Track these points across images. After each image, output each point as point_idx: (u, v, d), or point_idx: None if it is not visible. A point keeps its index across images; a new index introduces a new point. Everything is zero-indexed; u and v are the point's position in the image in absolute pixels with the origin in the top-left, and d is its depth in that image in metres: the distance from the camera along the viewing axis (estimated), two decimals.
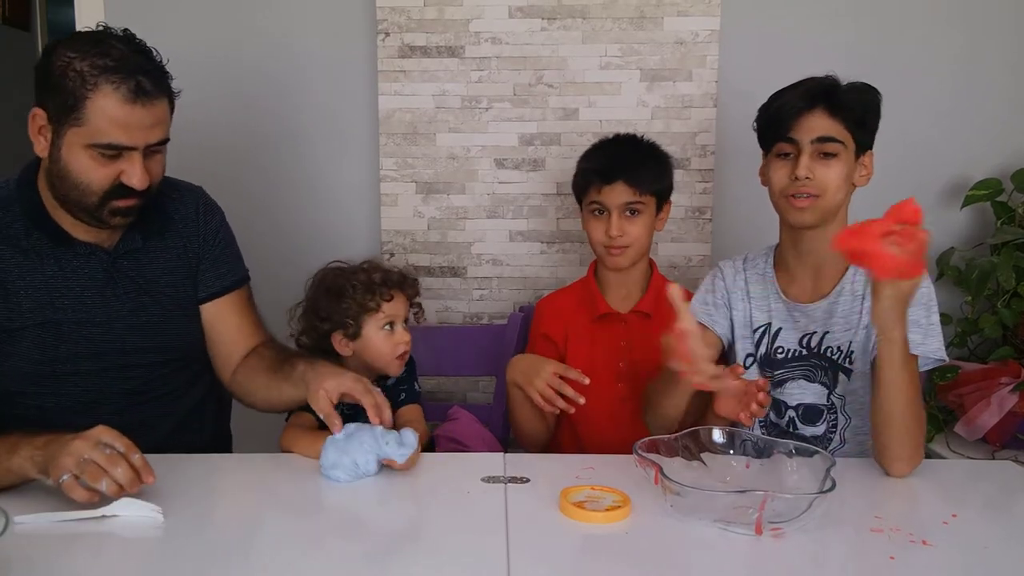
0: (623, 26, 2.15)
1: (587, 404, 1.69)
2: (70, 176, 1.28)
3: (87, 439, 1.10)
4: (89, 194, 1.28)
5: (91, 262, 1.38)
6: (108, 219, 1.32)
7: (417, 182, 2.22)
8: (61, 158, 1.27)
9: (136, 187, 1.28)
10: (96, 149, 1.25)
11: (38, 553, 1.00)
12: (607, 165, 1.65)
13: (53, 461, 1.09)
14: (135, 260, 1.42)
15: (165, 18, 2.21)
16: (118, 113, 1.23)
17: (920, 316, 1.38)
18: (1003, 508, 1.29)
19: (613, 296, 1.72)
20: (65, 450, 1.09)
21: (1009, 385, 2.03)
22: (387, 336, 1.54)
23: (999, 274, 2.08)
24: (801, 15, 2.23)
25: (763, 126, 1.49)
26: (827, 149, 1.40)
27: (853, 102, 1.41)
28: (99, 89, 1.23)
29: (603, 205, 1.64)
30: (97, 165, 1.26)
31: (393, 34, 2.16)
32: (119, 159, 1.27)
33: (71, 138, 1.26)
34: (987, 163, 2.26)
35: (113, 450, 1.10)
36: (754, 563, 1.04)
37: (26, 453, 1.13)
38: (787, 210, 1.44)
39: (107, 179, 1.28)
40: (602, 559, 1.05)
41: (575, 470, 1.29)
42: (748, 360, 1.52)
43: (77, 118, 1.24)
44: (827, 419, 1.48)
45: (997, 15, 2.23)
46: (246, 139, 2.28)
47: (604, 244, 1.65)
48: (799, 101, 1.42)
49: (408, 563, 1.03)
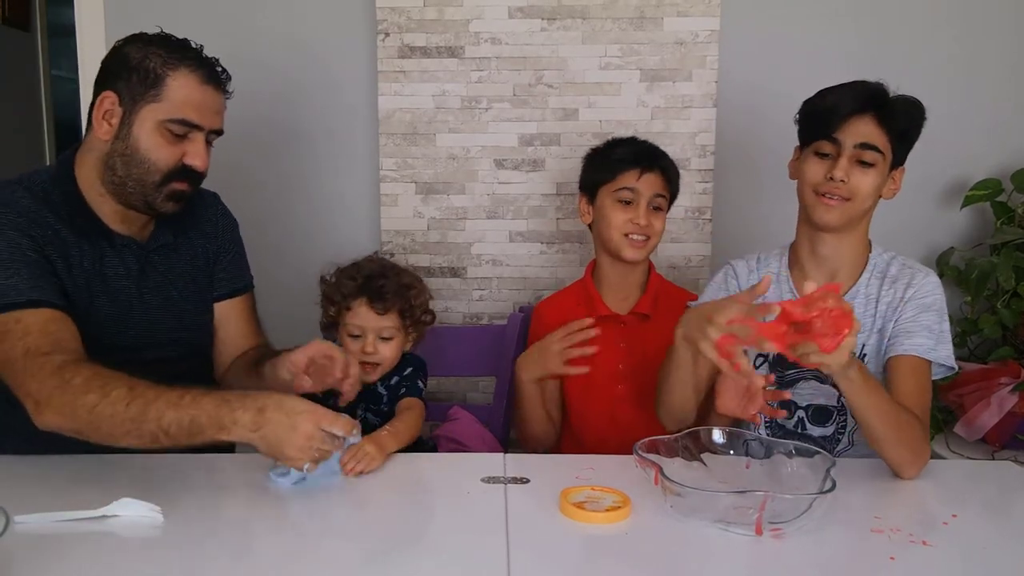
0: (623, 26, 2.15)
1: (586, 405, 1.70)
2: (138, 153, 1.34)
3: (311, 437, 1.16)
4: (154, 172, 1.35)
5: (126, 254, 1.42)
6: (162, 204, 1.38)
7: (417, 182, 2.22)
8: (131, 135, 1.34)
9: (199, 168, 1.37)
10: (169, 125, 1.33)
11: (38, 553, 1.00)
12: (645, 153, 1.67)
13: (283, 452, 1.17)
14: (165, 255, 1.47)
15: (165, 19, 2.19)
16: (195, 92, 1.35)
17: (932, 322, 1.38)
18: (1003, 508, 1.29)
19: (612, 298, 1.72)
20: (295, 445, 1.16)
21: (1009, 385, 2.03)
22: (352, 344, 1.53)
23: (999, 274, 2.08)
24: (801, 15, 2.23)
25: (807, 121, 1.46)
26: (867, 157, 1.38)
27: (901, 114, 1.39)
28: (179, 69, 1.34)
29: (636, 192, 1.64)
30: (166, 143, 1.34)
31: (393, 34, 2.16)
32: (184, 141, 1.35)
33: (146, 114, 1.33)
34: (987, 163, 2.26)
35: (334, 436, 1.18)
36: (754, 564, 1.04)
37: (239, 433, 1.16)
38: (815, 206, 1.42)
39: (173, 158, 1.35)
40: (602, 560, 1.05)
41: (575, 470, 1.28)
42: (758, 360, 1.51)
43: (156, 95, 1.33)
44: (836, 420, 1.47)
45: (997, 15, 2.23)
46: (246, 139, 2.28)
47: (627, 232, 1.64)
48: (851, 103, 1.39)
49: (408, 563, 1.03)
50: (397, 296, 1.54)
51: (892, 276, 1.44)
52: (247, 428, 1.16)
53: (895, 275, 1.44)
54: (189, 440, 1.17)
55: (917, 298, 1.40)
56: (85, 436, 1.19)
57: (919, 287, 1.41)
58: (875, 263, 1.47)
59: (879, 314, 1.43)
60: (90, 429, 1.18)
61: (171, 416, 1.16)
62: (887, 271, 1.45)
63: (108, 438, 1.18)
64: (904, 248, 1.51)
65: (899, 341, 1.38)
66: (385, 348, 1.53)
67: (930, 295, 1.41)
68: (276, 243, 2.26)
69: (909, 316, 1.39)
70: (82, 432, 1.19)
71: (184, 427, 1.16)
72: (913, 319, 1.39)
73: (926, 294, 1.41)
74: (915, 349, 1.37)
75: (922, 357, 1.37)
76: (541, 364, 1.60)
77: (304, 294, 1.69)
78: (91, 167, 1.38)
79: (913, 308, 1.40)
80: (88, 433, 1.19)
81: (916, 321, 1.38)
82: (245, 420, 1.16)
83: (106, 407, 1.16)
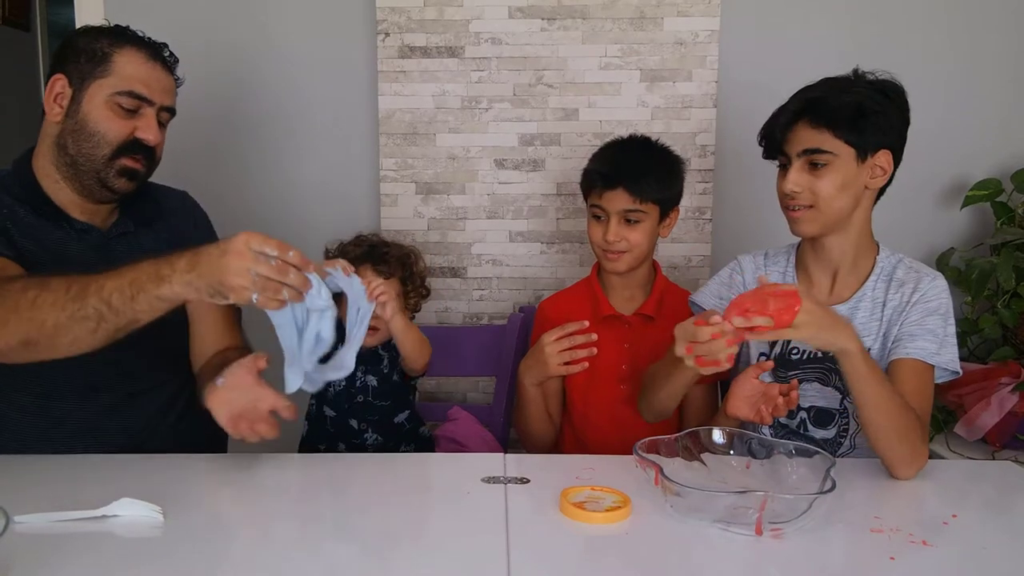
0: (623, 26, 2.15)
1: (589, 405, 1.70)
2: (87, 127, 1.36)
3: (242, 254, 1.09)
4: (104, 145, 1.36)
5: (85, 240, 1.42)
6: (113, 179, 1.38)
7: (417, 182, 2.22)
8: (80, 111, 1.36)
9: (149, 141, 1.38)
10: (118, 98, 1.36)
11: (38, 553, 1.00)
12: (609, 170, 1.63)
13: (222, 282, 1.10)
14: (127, 243, 1.47)
15: (164, 18, 2.21)
16: (141, 68, 1.38)
17: (937, 326, 1.38)
18: (1003, 509, 1.29)
19: (616, 298, 1.72)
20: (230, 269, 1.10)
21: (1009, 385, 2.03)
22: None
23: (999, 274, 2.08)
24: (800, 15, 2.23)
25: (763, 142, 1.49)
26: (816, 160, 1.39)
27: (840, 109, 1.37)
28: (125, 48, 1.38)
29: (603, 210, 1.64)
30: (115, 117, 1.37)
31: (393, 34, 2.17)
32: (135, 116, 1.38)
33: (94, 91, 1.36)
34: (987, 163, 2.26)
35: (268, 256, 1.10)
36: (754, 564, 1.04)
37: (179, 279, 1.12)
38: (788, 220, 1.45)
39: (123, 132, 1.37)
40: (602, 560, 1.05)
41: (575, 470, 1.29)
42: (761, 359, 1.51)
43: (104, 71, 1.36)
44: (839, 423, 1.47)
45: (997, 15, 2.23)
46: (246, 139, 2.28)
47: (602, 248, 1.65)
48: (784, 116, 1.42)
49: (408, 563, 1.03)
50: (399, 263, 1.60)
51: (899, 279, 1.44)
52: (184, 271, 1.13)
53: (902, 278, 1.44)
54: (133, 309, 1.15)
55: (923, 302, 1.40)
56: (32, 344, 1.16)
57: (925, 291, 1.41)
58: (882, 266, 1.46)
59: (885, 318, 1.42)
60: (34, 327, 1.15)
61: (111, 285, 1.15)
62: (893, 274, 1.45)
63: (55, 333, 1.15)
64: (904, 248, 1.50)
65: (902, 344, 1.38)
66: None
67: (936, 299, 1.40)
68: None
69: (914, 320, 1.39)
70: (29, 338, 1.16)
71: (125, 292, 1.14)
72: (918, 323, 1.38)
73: (932, 298, 1.40)
74: (918, 353, 1.36)
75: (925, 361, 1.36)
76: (540, 367, 1.60)
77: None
78: (45, 154, 1.41)
79: (919, 312, 1.39)
80: (34, 335, 1.15)
81: (921, 325, 1.38)
82: (181, 265, 1.13)
83: (47, 295, 1.15)
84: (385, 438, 1.58)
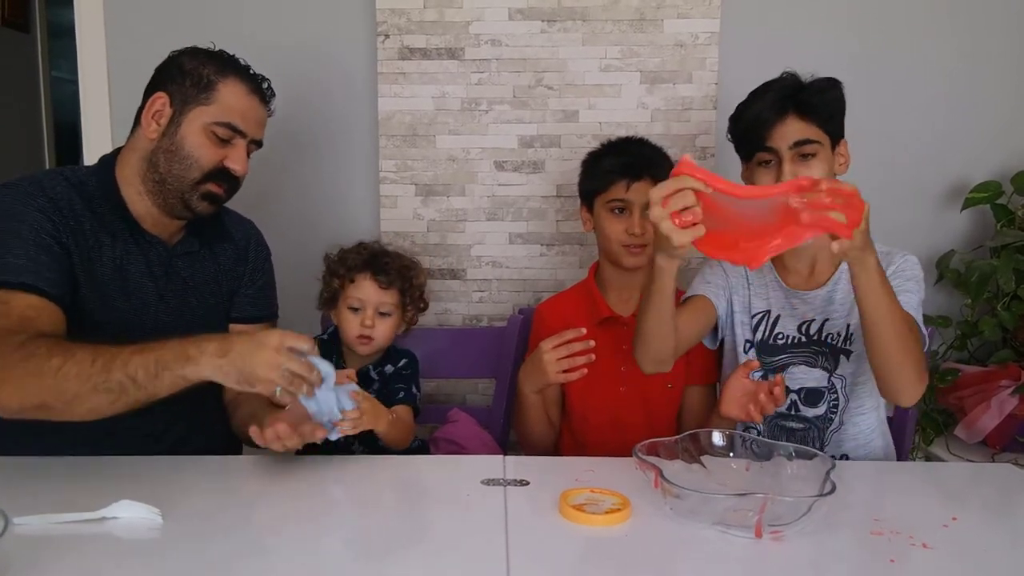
0: (623, 28, 2.15)
1: (588, 407, 1.70)
2: (182, 150, 1.40)
3: (277, 350, 1.16)
4: (195, 169, 1.40)
5: (151, 254, 1.45)
6: (197, 202, 1.42)
7: (417, 184, 2.22)
8: (178, 134, 1.40)
9: (237, 172, 1.43)
10: (215, 128, 1.40)
11: (38, 553, 0.99)
12: (633, 162, 1.65)
13: (253, 374, 1.16)
14: (190, 261, 1.50)
15: (164, 20, 2.21)
16: (242, 100, 1.42)
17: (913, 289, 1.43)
18: (1003, 511, 1.29)
19: (615, 299, 1.72)
20: (264, 363, 1.15)
21: (1009, 388, 2.03)
22: (351, 317, 1.58)
23: (999, 277, 2.08)
24: (801, 17, 2.23)
25: (739, 138, 1.51)
26: (806, 151, 1.42)
27: (820, 101, 1.44)
28: (230, 78, 1.42)
29: (627, 203, 1.63)
30: (210, 144, 1.40)
31: (393, 36, 2.17)
32: (227, 145, 1.42)
33: (194, 116, 1.40)
34: (987, 166, 2.26)
35: (298, 352, 1.18)
36: (754, 566, 1.04)
37: (207, 362, 1.16)
38: None
39: (214, 159, 1.41)
40: (602, 562, 1.05)
41: (575, 473, 1.28)
42: (746, 346, 1.55)
43: (207, 98, 1.40)
44: (828, 400, 1.52)
45: (997, 16, 2.23)
46: None
47: (623, 243, 1.64)
48: (770, 111, 1.43)
49: (408, 565, 1.03)
50: (399, 274, 1.61)
51: None
52: (214, 355, 1.16)
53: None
54: (156, 385, 1.16)
55: (899, 272, 1.45)
56: (48, 407, 1.17)
57: (899, 264, 1.46)
58: None
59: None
60: (55, 395, 1.16)
61: (137, 361, 1.16)
62: None
63: (75, 400, 1.16)
64: (904, 250, 1.51)
65: None
66: (382, 324, 1.59)
67: (910, 270, 1.46)
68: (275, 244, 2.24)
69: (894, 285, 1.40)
70: (46, 403, 1.16)
71: (150, 369, 1.15)
72: (898, 286, 1.40)
73: (906, 268, 1.46)
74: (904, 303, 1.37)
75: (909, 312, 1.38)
76: (538, 375, 1.59)
77: (303, 295, 1.69)
78: (133, 165, 1.43)
79: (896, 279, 1.42)
80: (52, 401, 1.16)
81: (900, 288, 1.40)
82: (211, 348, 1.16)
83: (72, 366, 1.15)
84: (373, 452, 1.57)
